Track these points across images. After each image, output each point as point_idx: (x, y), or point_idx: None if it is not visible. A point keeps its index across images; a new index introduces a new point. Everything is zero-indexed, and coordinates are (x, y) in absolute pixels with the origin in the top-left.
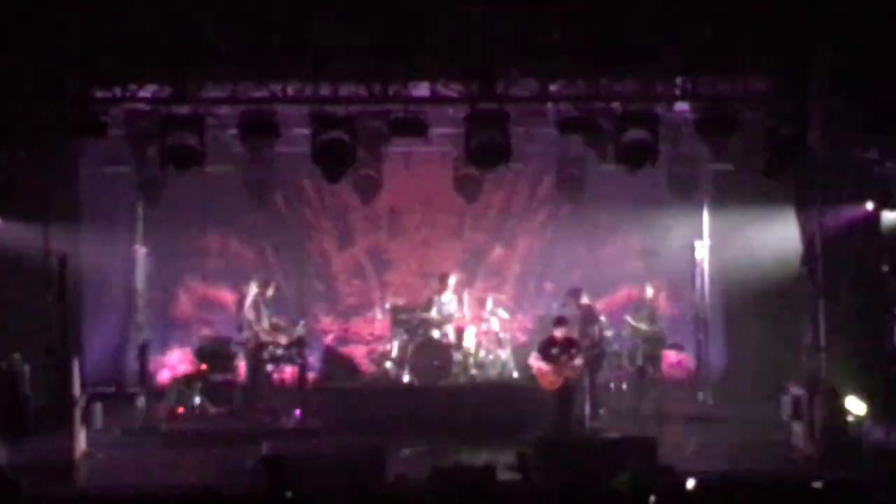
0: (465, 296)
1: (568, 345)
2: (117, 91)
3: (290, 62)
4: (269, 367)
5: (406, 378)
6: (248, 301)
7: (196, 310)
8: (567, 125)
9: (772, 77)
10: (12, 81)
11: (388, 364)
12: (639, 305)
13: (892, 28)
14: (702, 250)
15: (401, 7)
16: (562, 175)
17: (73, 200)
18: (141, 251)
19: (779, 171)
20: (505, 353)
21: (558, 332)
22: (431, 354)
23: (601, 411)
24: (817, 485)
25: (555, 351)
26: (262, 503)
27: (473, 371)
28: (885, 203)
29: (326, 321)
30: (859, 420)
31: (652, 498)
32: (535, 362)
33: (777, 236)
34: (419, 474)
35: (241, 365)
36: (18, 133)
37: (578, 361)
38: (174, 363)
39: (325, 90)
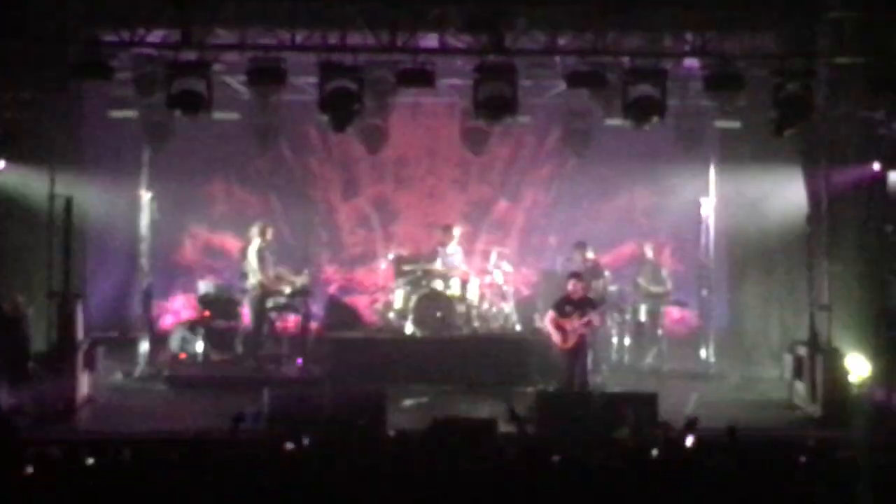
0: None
1: (583, 302)
2: (125, 35)
3: (298, 9)
4: (273, 316)
5: (409, 329)
6: (252, 249)
7: (200, 256)
8: (575, 79)
9: (779, 34)
10: (18, 23)
11: (391, 315)
12: (641, 263)
13: None
14: (707, 207)
15: None
16: (568, 129)
17: (79, 144)
18: (146, 196)
19: (785, 129)
20: (508, 306)
21: (572, 286)
22: (434, 306)
23: (603, 366)
24: (815, 444)
25: (569, 308)
26: (260, 449)
27: (476, 323)
28: (892, 163)
29: (330, 270)
30: (861, 380)
31: (654, 451)
32: (550, 323)
33: (783, 194)
34: (420, 425)
35: (245, 312)
36: (23, 75)
37: (594, 317)
38: (177, 309)
39: (333, 38)
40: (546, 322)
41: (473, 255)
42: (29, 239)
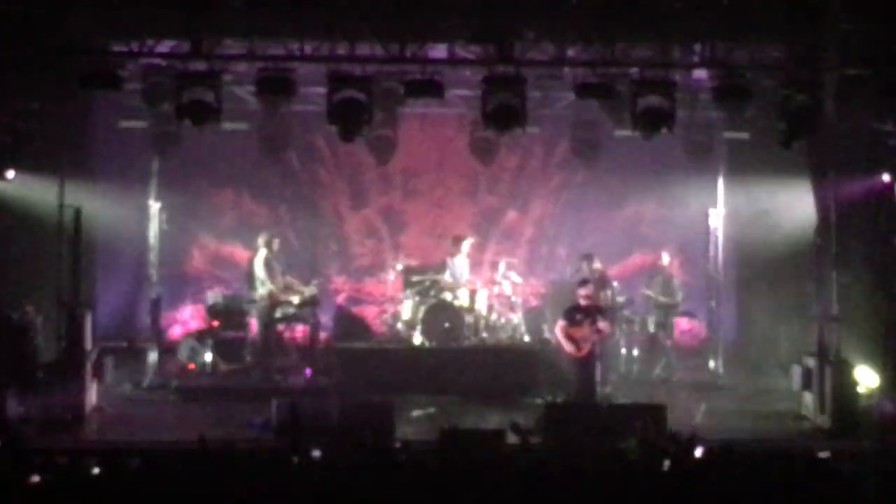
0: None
1: (592, 310)
2: (134, 45)
3: (307, 20)
4: (281, 326)
5: (417, 339)
6: (259, 259)
7: (209, 266)
8: (584, 90)
9: (788, 45)
10: (28, 33)
11: (400, 325)
12: (653, 273)
13: None
14: (716, 218)
15: None
16: (577, 140)
17: (88, 154)
18: (155, 206)
19: (794, 140)
20: (516, 317)
21: (583, 293)
22: (443, 316)
23: (611, 377)
24: (824, 454)
25: (579, 317)
26: (270, 459)
27: (484, 334)
28: None
29: (339, 281)
30: (870, 392)
31: (666, 463)
32: (561, 333)
33: (791, 206)
34: (428, 436)
35: (253, 322)
36: (33, 85)
37: (603, 325)
38: (186, 319)
39: (342, 49)
40: (557, 332)
41: (482, 265)
42: (38, 249)
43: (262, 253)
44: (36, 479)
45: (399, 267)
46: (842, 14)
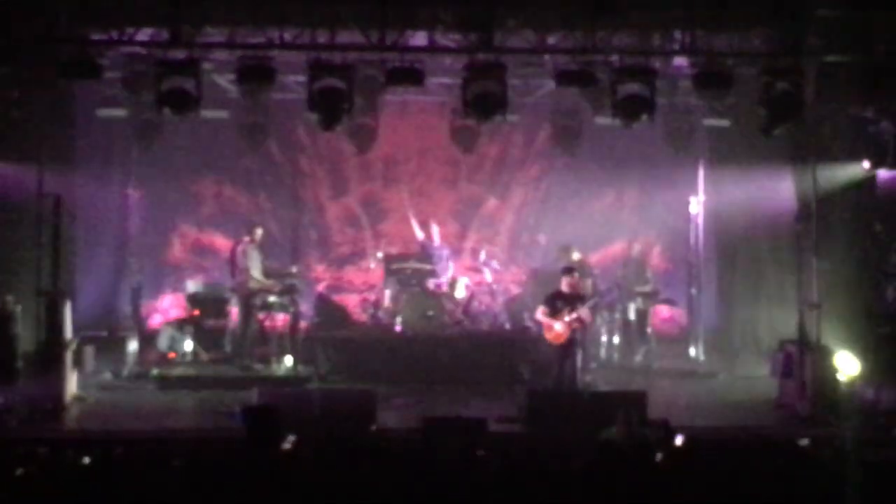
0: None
1: (572, 298)
2: (114, 34)
3: (287, 8)
4: (261, 315)
5: (398, 327)
6: (240, 248)
7: (189, 255)
8: (564, 77)
9: (769, 33)
10: (7, 21)
11: (381, 313)
12: (626, 262)
13: None
14: (697, 205)
15: None
16: (558, 128)
17: (68, 143)
18: (135, 195)
19: (775, 128)
20: (497, 305)
21: (565, 282)
22: (424, 304)
23: (592, 364)
24: (804, 442)
25: (560, 304)
26: (250, 449)
27: (465, 322)
28: (880, 162)
29: (319, 269)
30: (850, 378)
31: (658, 455)
32: (542, 318)
33: (772, 193)
34: (409, 424)
35: (234, 311)
36: (12, 74)
37: (584, 313)
38: (166, 308)
39: (322, 37)
40: (537, 318)
41: (463, 253)
42: (17, 237)
43: (244, 242)
44: (17, 469)
45: (379, 255)
46: (823, 1)
